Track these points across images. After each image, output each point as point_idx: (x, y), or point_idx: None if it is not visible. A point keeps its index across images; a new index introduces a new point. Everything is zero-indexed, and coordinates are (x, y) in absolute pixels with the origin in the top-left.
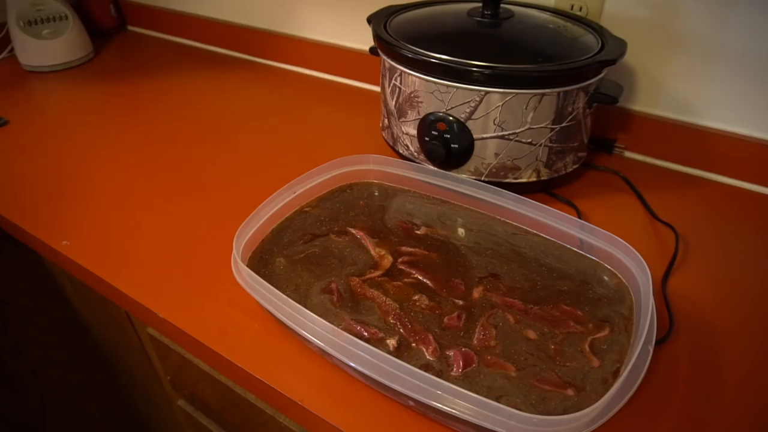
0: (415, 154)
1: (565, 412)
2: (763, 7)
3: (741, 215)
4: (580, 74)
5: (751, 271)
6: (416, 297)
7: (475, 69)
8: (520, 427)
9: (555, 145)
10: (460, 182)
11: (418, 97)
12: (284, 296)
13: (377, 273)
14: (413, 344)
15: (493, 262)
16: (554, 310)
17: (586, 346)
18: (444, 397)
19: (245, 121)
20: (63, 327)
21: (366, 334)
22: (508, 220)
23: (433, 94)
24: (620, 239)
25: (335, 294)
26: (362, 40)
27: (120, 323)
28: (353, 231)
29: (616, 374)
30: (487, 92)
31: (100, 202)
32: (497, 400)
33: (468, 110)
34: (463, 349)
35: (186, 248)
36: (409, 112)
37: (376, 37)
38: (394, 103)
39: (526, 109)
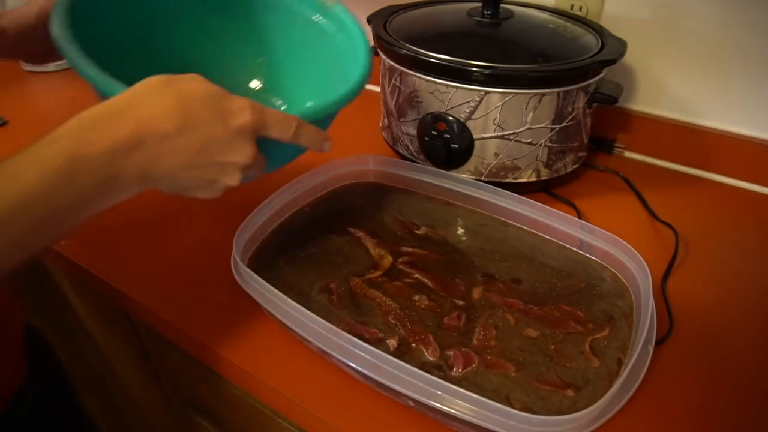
0: (415, 154)
1: (565, 412)
2: (763, 7)
3: (741, 215)
4: (580, 74)
5: (751, 270)
6: (416, 297)
7: (475, 69)
8: (519, 427)
9: (555, 145)
10: (460, 182)
11: (418, 97)
12: (284, 296)
13: (377, 273)
14: (413, 344)
15: (492, 263)
16: (554, 310)
17: (586, 346)
18: (444, 397)
19: None
20: (62, 327)
21: (366, 334)
22: (508, 220)
23: (433, 94)
24: (620, 239)
25: (335, 294)
26: None
27: (120, 323)
28: (353, 231)
29: (616, 374)
30: (487, 92)
31: None
32: (497, 400)
33: (468, 110)
34: (463, 349)
35: (186, 248)
36: (409, 112)
37: (376, 37)
38: (394, 103)
39: (526, 109)
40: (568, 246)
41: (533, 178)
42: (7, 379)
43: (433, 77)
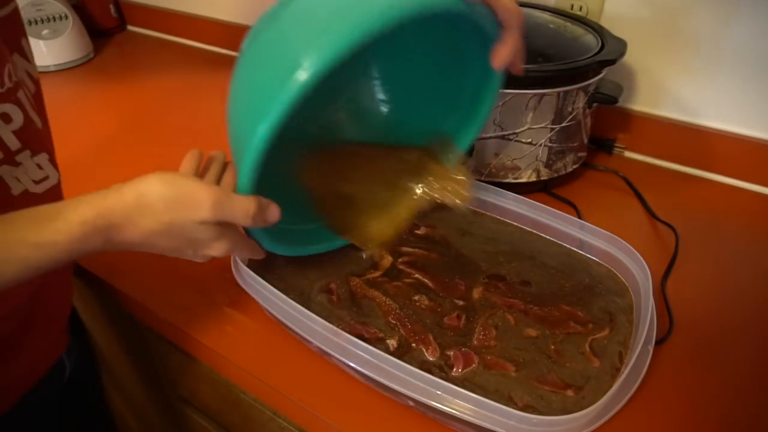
0: None
1: (565, 412)
2: (763, 7)
3: (741, 215)
4: (580, 74)
5: (751, 270)
6: (416, 297)
7: None
8: (519, 428)
9: (555, 145)
10: None
11: None
12: (284, 296)
13: (377, 273)
14: (413, 344)
15: (493, 264)
16: (554, 311)
17: (587, 347)
18: (444, 397)
19: None
20: None
21: (366, 334)
22: (508, 220)
23: None
24: (620, 239)
25: (335, 294)
26: None
27: (120, 323)
28: None
29: (616, 374)
30: None
31: None
32: (497, 400)
33: None
34: (463, 349)
35: None
36: None
37: None
38: None
39: (525, 109)
40: (568, 246)
41: (533, 178)
42: (52, 345)
43: None
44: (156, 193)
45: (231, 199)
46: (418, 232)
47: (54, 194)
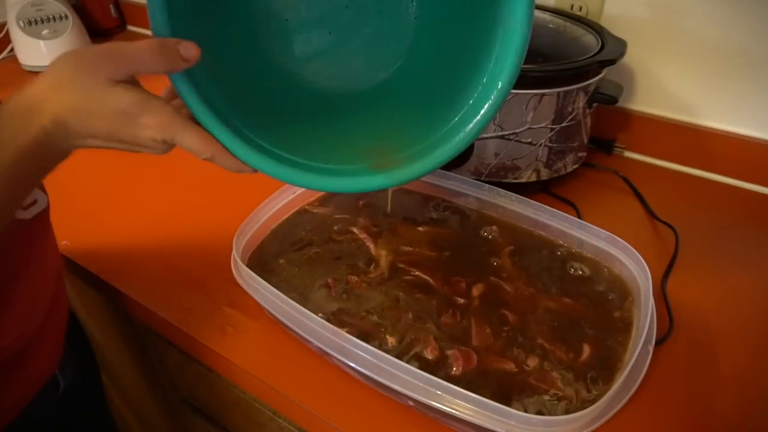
0: None
1: (565, 412)
2: (763, 7)
3: (741, 215)
4: (580, 74)
5: (750, 270)
6: (416, 296)
7: None
8: (519, 427)
9: (555, 145)
10: (460, 182)
11: None
12: (284, 296)
13: (377, 272)
14: (413, 344)
15: (492, 263)
16: (555, 311)
17: (587, 346)
18: (444, 397)
19: None
20: None
21: (366, 333)
22: (508, 220)
23: None
24: (620, 239)
25: (335, 294)
26: None
27: (120, 323)
28: (354, 230)
29: (616, 374)
30: None
31: (100, 201)
32: (497, 399)
33: None
34: (463, 349)
35: (186, 248)
36: None
37: None
38: None
39: (525, 109)
40: (567, 246)
41: (533, 178)
42: (47, 365)
43: None
44: (60, 69)
45: (127, 46)
46: (418, 230)
47: (43, 220)
